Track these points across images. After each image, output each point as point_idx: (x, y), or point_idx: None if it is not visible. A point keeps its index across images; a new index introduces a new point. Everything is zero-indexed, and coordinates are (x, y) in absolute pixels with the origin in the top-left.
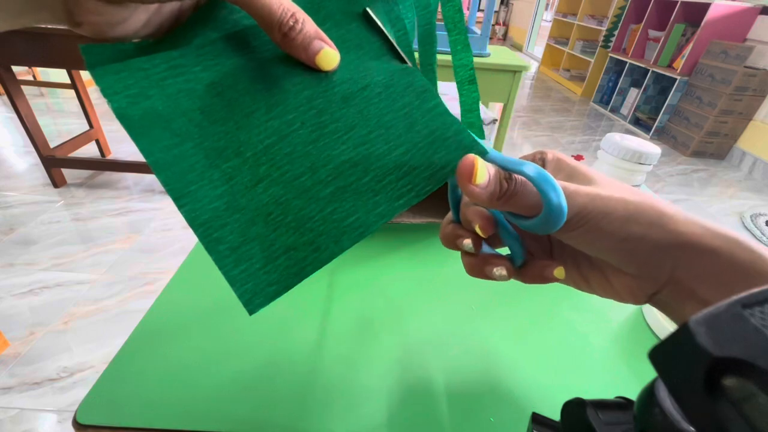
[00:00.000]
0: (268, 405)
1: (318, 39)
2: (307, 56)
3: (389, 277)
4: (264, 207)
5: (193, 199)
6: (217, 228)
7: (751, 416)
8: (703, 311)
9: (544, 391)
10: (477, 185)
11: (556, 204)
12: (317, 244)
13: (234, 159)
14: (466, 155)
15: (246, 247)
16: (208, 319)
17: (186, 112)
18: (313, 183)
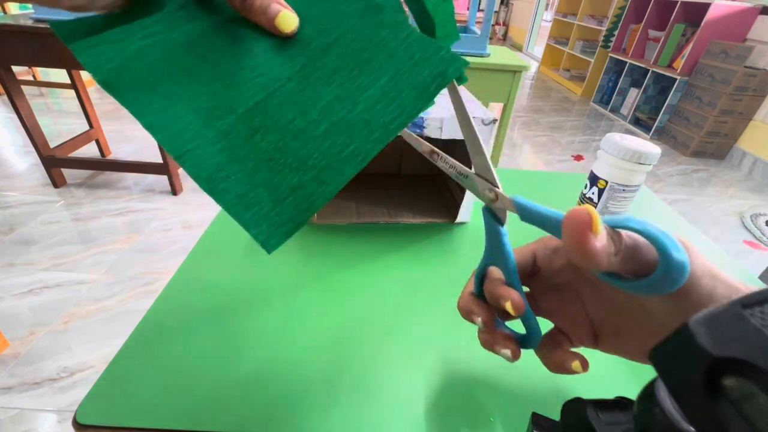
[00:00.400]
0: (268, 405)
1: (275, 2)
2: (266, 19)
3: (389, 277)
4: (264, 154)
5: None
6: (222, 180)
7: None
8: (703, 311)
9: (544, 391)
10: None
11: (679, 262)
12: (321, 178)
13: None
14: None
15: (253, 193)
16: (208, 319)
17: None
18: (306, 124)
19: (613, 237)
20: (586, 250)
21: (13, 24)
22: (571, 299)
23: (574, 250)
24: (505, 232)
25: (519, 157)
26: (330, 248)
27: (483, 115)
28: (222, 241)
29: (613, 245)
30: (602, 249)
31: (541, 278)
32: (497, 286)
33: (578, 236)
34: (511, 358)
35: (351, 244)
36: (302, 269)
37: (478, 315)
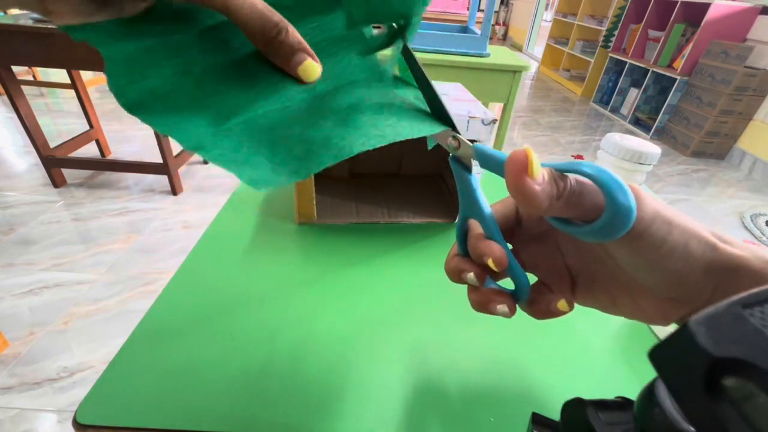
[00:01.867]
0: (268, 405)
1: (301, 50)
2: (289, 68)
3: (389, 277)
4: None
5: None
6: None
7: (751, 416)
8: (703, 311)
9: (544, 391)
10: (534, 180)
11: (625, 206)
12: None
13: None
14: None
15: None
16: (208, 319)
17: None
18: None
19: (558, 180)
20: (523, 191)
21: (13, 24)
22: (552, 250)
23: (513, 192)
24: (476, 180)
25: None
26: (330, 248)
27: (483, 115)
28: (222, 241)
29: (556, 188)
30: (541, 191)
31: (523, 229)
32: (478, 241)
33: (515, 178)
34: (509, 313)
35: (351, 244)
36: (302, 269)
37: (469, 271)
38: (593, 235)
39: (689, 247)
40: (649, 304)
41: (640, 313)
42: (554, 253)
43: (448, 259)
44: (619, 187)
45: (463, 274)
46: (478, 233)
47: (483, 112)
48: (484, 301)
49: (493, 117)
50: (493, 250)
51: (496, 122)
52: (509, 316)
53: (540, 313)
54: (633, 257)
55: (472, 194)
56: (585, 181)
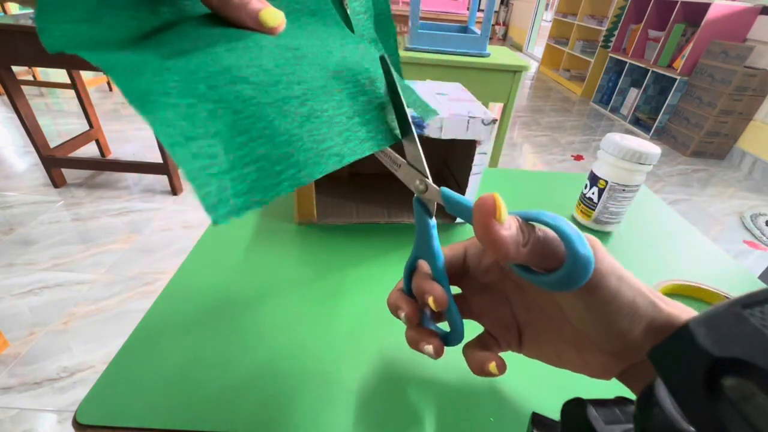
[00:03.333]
0: (268, 405)
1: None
2: (247, 14)
3: (389, 277)
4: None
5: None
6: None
7: (751, 416)
8: (703, 312)
9: (544, 391)
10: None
11: (584, 256)
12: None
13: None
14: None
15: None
16: (208, 319)
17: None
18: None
19: (523, 228)
20: (491, 237)
21: (13, 24)
22: (499, 301)
23: (481, 237)
24: (434, 225)
25: (519, 157)
26: (330, 248)
27: (483, 115)
28: (222, 241)
29: (522, 236)
30: (509, 237)
31: (471, 277)
32: (422, 280)
33: (483, 222)
34: (434, 354)
35: (351, 244)
36: (302, 269)
37: (403, 310)
38: (553, 284)
39: (636, 303)
40: (592, 358)
41: (584, 366)
42: (502, 304)
43: (391, 293)
44: (579, 238)
45: (399, 311)
46: (425, 273)
47: (483, 112)
48: (416, 339)
49: (493, 117)
50: (435, 290)
51: (496, 122)
52: (435, 358)
53: (473, 368)
54: (583, 310)
55: (429, 239)
56: (548, 231)
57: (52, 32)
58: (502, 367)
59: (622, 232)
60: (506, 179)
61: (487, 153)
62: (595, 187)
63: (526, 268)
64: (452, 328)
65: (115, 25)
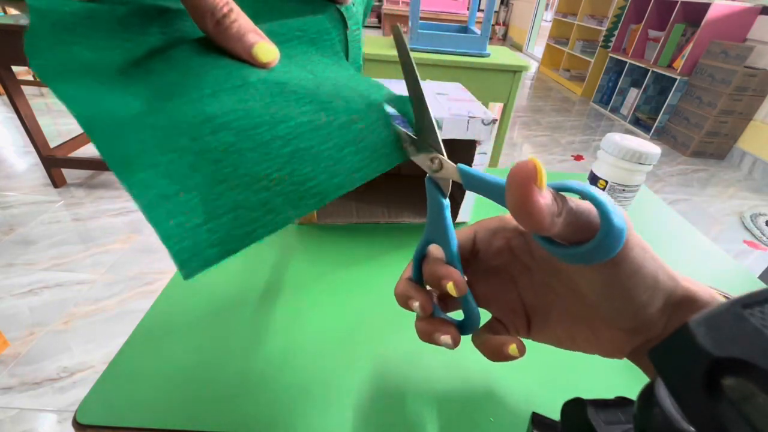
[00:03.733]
0: (268, 405)
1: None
2: (242, 46)
3: (389, 277)
4: (210, 152)
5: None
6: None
7: (751, 416)
8: (703, 311)
9: (544, 391)
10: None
11: (619, 227)
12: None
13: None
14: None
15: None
16: (208, 319)
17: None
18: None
19: (557, 198)
20: (530, 205)
21: (14, 24)
22: (507, 285)
23: (517, 206)
24: (447, 205)
25: (519, 157)
26: (330, 248)
27: (483, 115)
28: None
29: (556, 206)
30: (546, 207)
31: (479, 262)
32: (437, 265)
33: (523, 189)
34: (452, 344)
35: (351, 244)
36: (302, 269)
37: (415, 300)
38: (582, 256)
39: (657, 277)
40: (605, 335)
41: (597, 345)
42: (509, 288)
43: (398, 283)
44: (614, 208)
45: (410, 301)
46: (438, 258)
47: (483, 112)
48: (429, 331)
49: (493, 117)
50: (453, 275)
51: (496, 122)
52: (452, 348)
53: (491, 354)
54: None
55: (442, 220)
56: (579, 201)
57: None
58: (522, 348)
59: None
60: None
61: (487, 153)
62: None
63: (551, 240)
64: (467, 316)
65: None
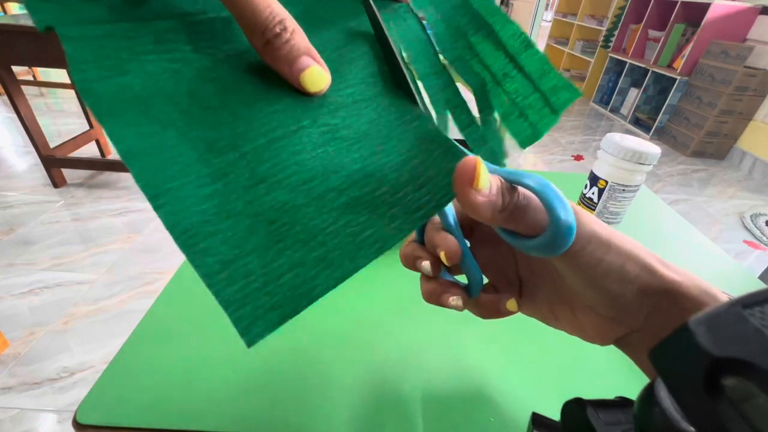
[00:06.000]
0: (268, 405)
1: (306, 54)
2: (290, 72)
3: (389, 277)
4: (265, 213)
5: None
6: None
7: (751, 416)
8: (704, 311)
9: (544, 391)
10: (479, 191)
11: (565, 222)
12: (330, 260)
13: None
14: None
15: (242, 261)
16: (208, 320)
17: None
18: (325, 190)
19: (505, 193)
20: (467, 200)
21: (13, 24)
22: (505, 254)
23: (459, 199)
24: None
25: (519, 157)
26: None
27: None
28: None
29: (501, 200)
30: (485, 203)
31: (482, 228)
32: (434, 233)
33: (460, 188)
34: (460, 305)
35: None
36: None
37: (423, 259)
38: (535, 249)
39: (624, 269)
40: (588, 320)
41: (580, 329)
42: (507, 258)
43: (404, 244)
44: (561, 203)
45: (418, 261)
46: (436, 223)
47: None
48: (437, 292)
49: None
50: (448, 244)
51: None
52: (460, 310)
53: (487, 312)
54: (572, 274)
55: None
56: (531, 195)
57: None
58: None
59: (622, 232)
60: None
61: None
62: (595, 187)
63: (510, 231)
64: (470, 280)
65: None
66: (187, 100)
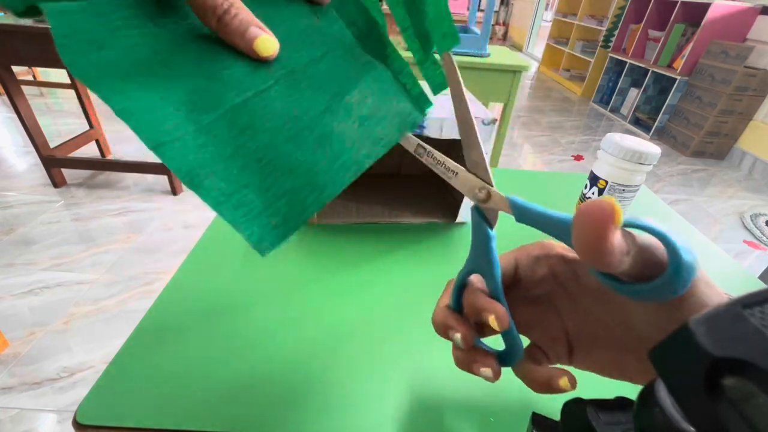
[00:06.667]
0: (268, 405)
1: (253, 25)
2: (243, 41)
3: (389, 277)
4: (253, 154)
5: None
6: (206, 176)
7: (751, 416)
8: (704, 311)
9: None
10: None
11: (688, 264)
12: (315, 184)
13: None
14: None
15: (241, 193)
16: (208, 319)
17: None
18: (298, 129)
19: (626, 236)
20: (604, 246)
21: (13, 24)
22: (549, 312)
23: (589, 246)
24: (494, 236)
25: (519, 157)
26: (330, 248)
27: (483, 115)
28: (222, 242)
29: (626, 244)
30: (618, 247)
31: (519, 289)
32: (479, 297)
33: (599, 231)
34: (492, 377)
35: (351, 244)
36: (302, 269)
37: (456, 331)
38: (648, 293)
39: None
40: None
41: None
42: (551, 315)
43: (437, 310)
44: (683, 245)
45: (451, 332)
46: (479, 288)
47: (483, 112)
48: (469, 361)
49: (493, 117)
50: (497, 309)
51: (496, 122)
52: (492, 381)
53: (538, 385)
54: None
55: (488, 252)
56: (646, 237)
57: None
58: (573, 380)
59: None
60: (506, 179)
61: (487, 153)
62: (595, 187)
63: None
64: (509, 347)
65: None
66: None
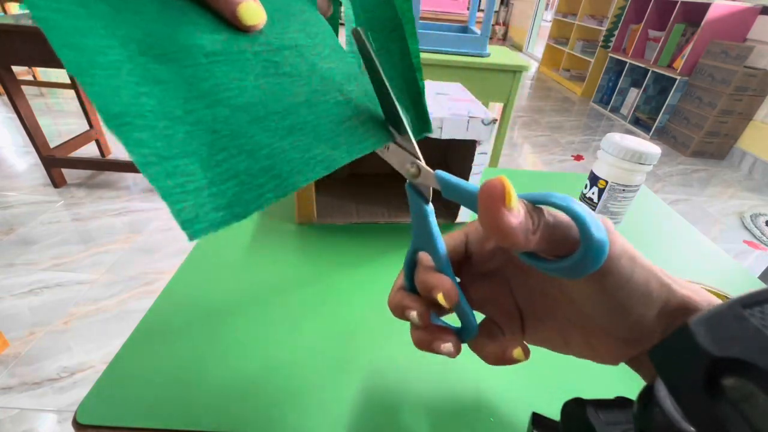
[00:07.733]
0: (267, 405)
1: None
2: (226, 5)
3: (389, 277)
4: (207, 123)
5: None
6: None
7: (751, 416)
8: (704, 312)
9: (544, 391)
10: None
11: (599, 241)
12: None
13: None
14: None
15: (181, 160)
16: (208, 319)
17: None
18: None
19: (532, 213)
20: (500, 225)
21: (13, 24)
22: (502, 287)
23: (488, 226)
24: (431, 211)
25: (519, 157)
26: (330, 248)
27: (483, 115)
28: (222, 242)
29: (531, 222)
30: (518, 225)
31: (472, 265)
32: (428, 274)
33: (492, 210)
34: (453, 352)
35: (351, 244)
36: (302, 269)
37: (412, 308)
38: (564, 271)
39: (649, 286)
40: (600, 343)
41: (592, 352)
42: (504, 291)
43: (392, 293)
44: (594, 222)
45: (407, 311)
46: (428, 266)
47: (483, 112)
48: (428, 339)
49: (493, 117)
50: (444, 284)
51: (496, 122)
52: (453, 356)
53: (492, 359)
54: (596, 296)
55: (427, 226)
56: (557, 214)
57: None
58: (527, 350)
59: (622, 232)
60: None
61: (487, 153)
62: (595, 187)
63: (533, 254)
64: (464, 323)
65: None
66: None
